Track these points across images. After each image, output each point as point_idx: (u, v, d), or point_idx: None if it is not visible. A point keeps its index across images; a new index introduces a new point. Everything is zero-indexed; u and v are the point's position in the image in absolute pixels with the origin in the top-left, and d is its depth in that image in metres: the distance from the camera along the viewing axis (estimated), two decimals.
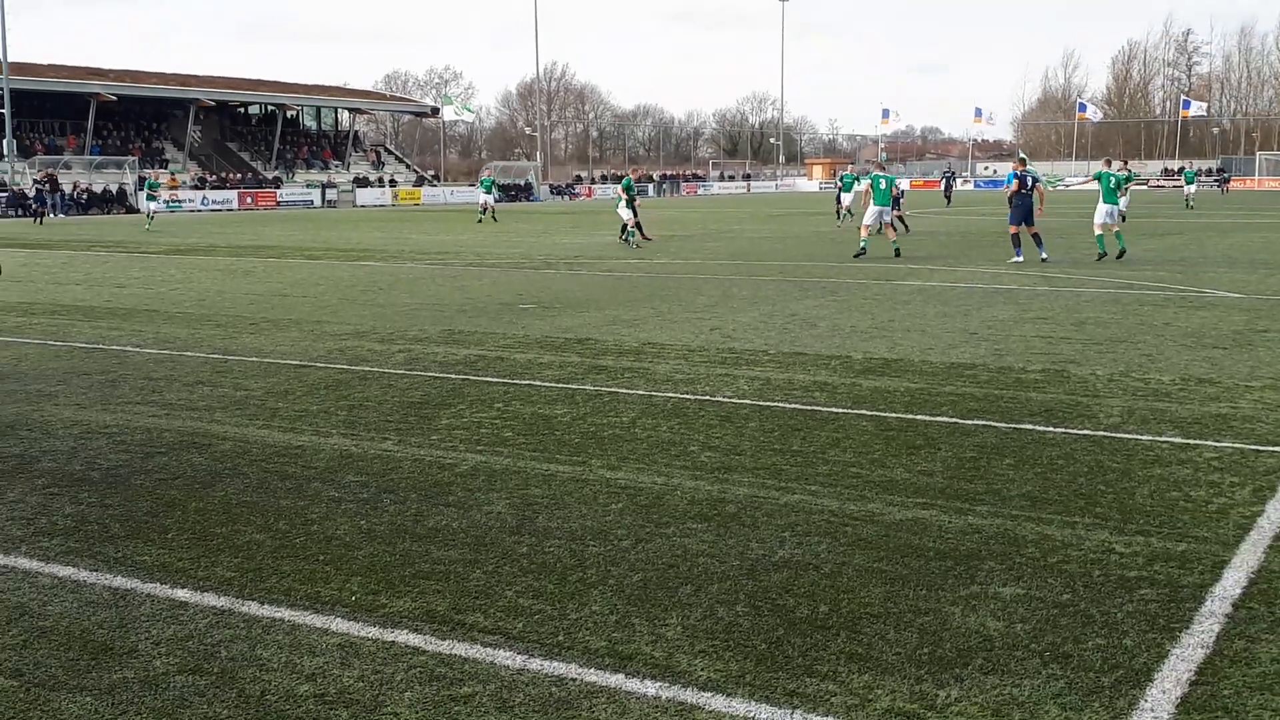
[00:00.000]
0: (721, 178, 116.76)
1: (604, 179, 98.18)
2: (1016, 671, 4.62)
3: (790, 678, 4.56)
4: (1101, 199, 25.72)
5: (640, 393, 10.31)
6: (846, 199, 39.26)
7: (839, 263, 23.68)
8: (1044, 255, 24.52)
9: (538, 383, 10.81)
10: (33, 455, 8.10)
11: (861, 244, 26.81)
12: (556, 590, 5.50)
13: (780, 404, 9.81)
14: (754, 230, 39.87)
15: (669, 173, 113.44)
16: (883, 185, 27.78)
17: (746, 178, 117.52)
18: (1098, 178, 26.28)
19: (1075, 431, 8.76)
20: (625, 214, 31.08)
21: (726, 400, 9.96)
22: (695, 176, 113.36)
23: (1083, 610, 5.24)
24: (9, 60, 60.03)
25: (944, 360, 12.02)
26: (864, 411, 9.47)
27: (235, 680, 4.54)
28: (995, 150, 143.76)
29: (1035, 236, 24.72)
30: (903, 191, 29.60)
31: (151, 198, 45.11)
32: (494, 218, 47.33)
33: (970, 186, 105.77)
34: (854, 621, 5.11)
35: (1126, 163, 29.52)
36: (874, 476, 7.45)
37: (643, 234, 31.67)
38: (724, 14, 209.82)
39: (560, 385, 10.68)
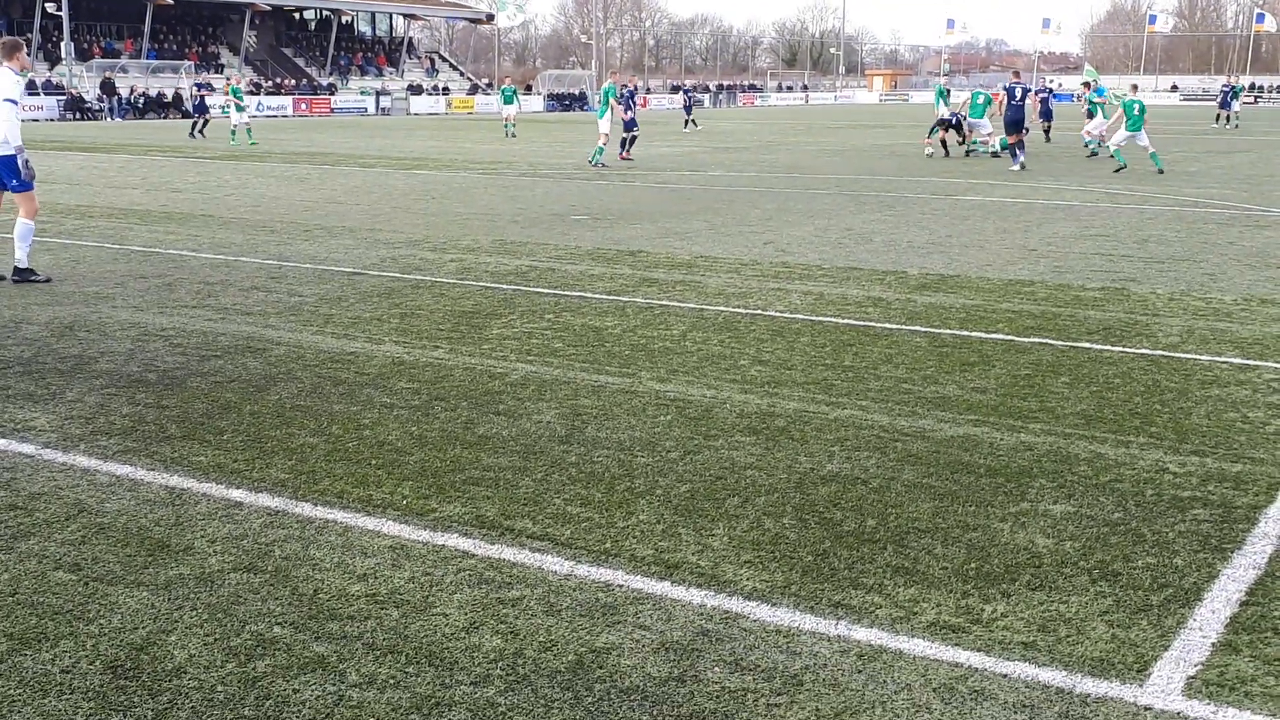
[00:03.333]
0: (779, 89, 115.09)
1: (675, 89, 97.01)
2: (1064, 588, 4.60)
3: (836, 589, 4.57)
4: (1125, 126, 25.34)
5: (691, 306, 10.27)
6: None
7: (896, 176, 23.34)
8: (1015, 165, 26.03)
9: (588, 294, 10.80)
10: (90, 356, 8.22)
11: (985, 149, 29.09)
12: (604, 499, 5.53)
13: (833, 319, 9.74)
14: (811, 142, 39.34)
15: (725, 83, 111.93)
16: (980, 100, 29.54)
17: (805, 89, 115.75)
18: (1125, 106, 25.66)
19: (1133, 350, 8.63)
20: (603, 127, 27.46)
21: (778, 315, 9.90)
22: (752, 87, 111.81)
23: (1133, 529, 5.20)
24: None
25: (1001, 277, 11.85)
26: (918, 328, 9.38)
27: (289, 579, 4.62)
28: (1062, 63, 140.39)
29: (1018, 143, 26.46)
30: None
31: (240, 108, 38.33)
32: (513, 133, 42.34)
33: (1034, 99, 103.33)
34: (901, 536, 5.10)
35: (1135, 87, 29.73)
36: (926, 393, 7.40)
37: (624, 152, 29.16)
38: None
39: (611, 297, 10.66)
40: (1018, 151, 26.31)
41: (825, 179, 24.06)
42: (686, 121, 47.98)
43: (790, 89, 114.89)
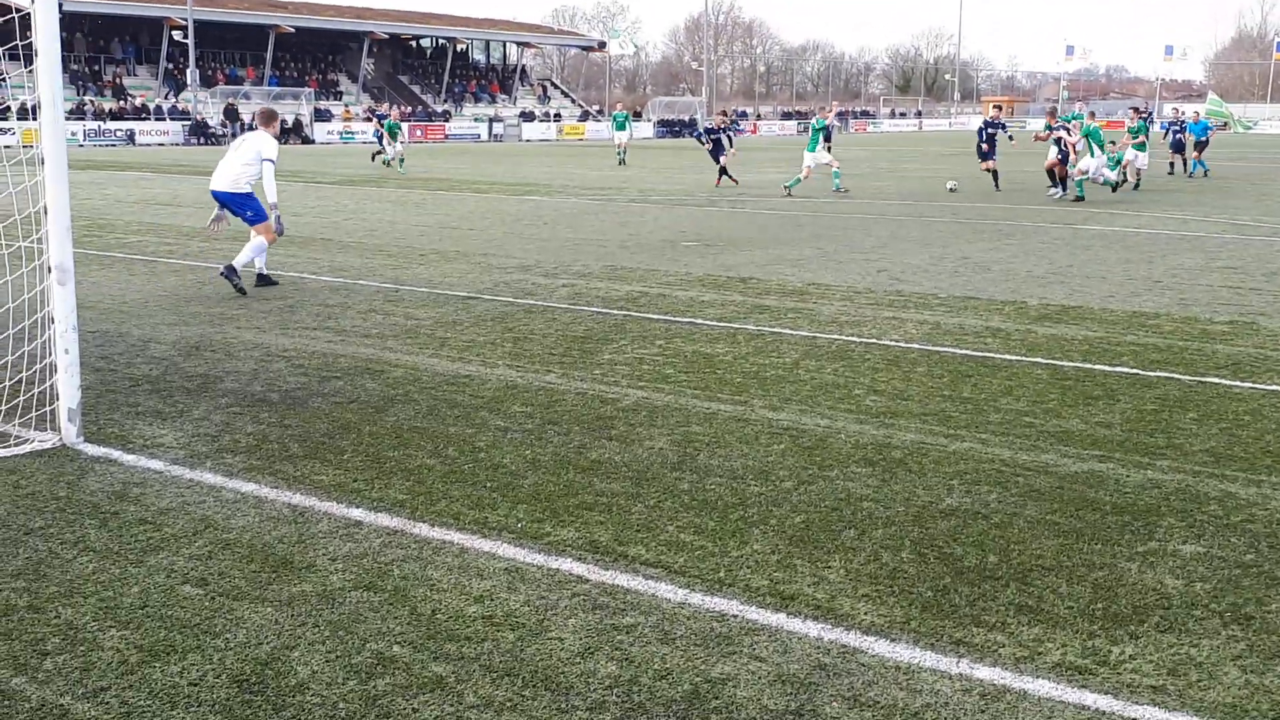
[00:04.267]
0: (892, 115, 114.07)
1: (787, 115, 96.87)
2: (1195, 631, 4.44)
3: (957, 626, 4.48)
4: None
5: (804, 334, 10.20)
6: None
7: (1014, 205, 22.94)
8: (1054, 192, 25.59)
9: (699, 321, 10.79)
10: (216, 375, 8.44)
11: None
12: (718, 527, 5.50)
13: (950, 349, 9.59)
14: (925, 169, 38.91)
15: (838, 109, 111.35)
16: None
17: (919, 115, 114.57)
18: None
19: (1264, 386, 8.34)
20: (808, 160, 27.38)
21: (894, 344, 9.78)
22: (865, 114, 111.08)
23: (1267, 571, 5.01)
24: None
25: (1125, 309, 11.56)
26: (1039, 360, 9.18)
27: (408, 598, 4.68)
28: (1185, 90, 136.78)
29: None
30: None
31: (395, 136, 37.28)
32: (623, 159, 41.41)
33: (1156, 128, 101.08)
34: (1024, 573, 4.98)
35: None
36: (1048, 426, 7.23)
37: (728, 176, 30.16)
38: None
39: (722, 324, 10.63)
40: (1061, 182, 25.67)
41: (940, 206, 23.76)
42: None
43: (903, 115, 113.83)
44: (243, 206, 12.53)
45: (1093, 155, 25.05)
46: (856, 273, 14.03)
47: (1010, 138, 33.41)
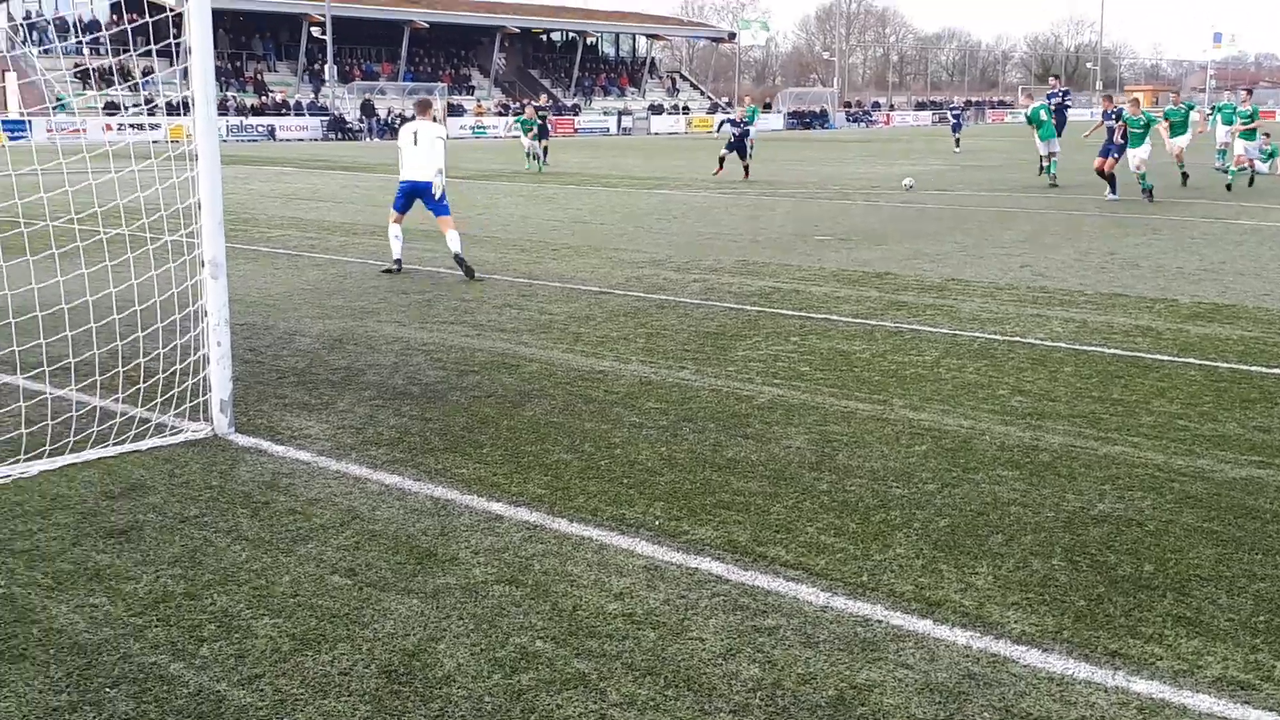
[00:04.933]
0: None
1: (921, 106, 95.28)
2: None
3: (1112, 637, 4.33)
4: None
5: (944, 331, 10.00)
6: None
7: (1161, 197, 22.17)
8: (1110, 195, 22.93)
9: (835, 317, 10.66)
10: (358, 368, 8.62)
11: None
12: (859, 530, 5.41)
13: (1098, 348, 9.29)
14: (1066, 160, 37.85)
15: (974, 99, 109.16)
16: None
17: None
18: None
19: None
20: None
21: (1038, 342, 9.52)
22: (1001, 103, 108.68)
23: None
24: None
25: None
26: (1191, 360, 8.85)
27: (549, 594, 4.70)
28: None
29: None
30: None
31: (538, 134, 35.33)
32: (750, 154, 40.98)
33: None
34: (1182, 583, 4.79)
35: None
36: (1204, 430, 6.95)
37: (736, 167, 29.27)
38: None
39: (859, 320, 10.48)
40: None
41: (1083, 199, 23.08)
42: (958, 141, 45.99)
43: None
44: (432, 197, 13.23)
45: (1136, 146, 23.09)
46: (998, 268, 13.71)
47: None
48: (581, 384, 8.14)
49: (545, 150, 36.04)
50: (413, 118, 13.78)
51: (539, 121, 36.02)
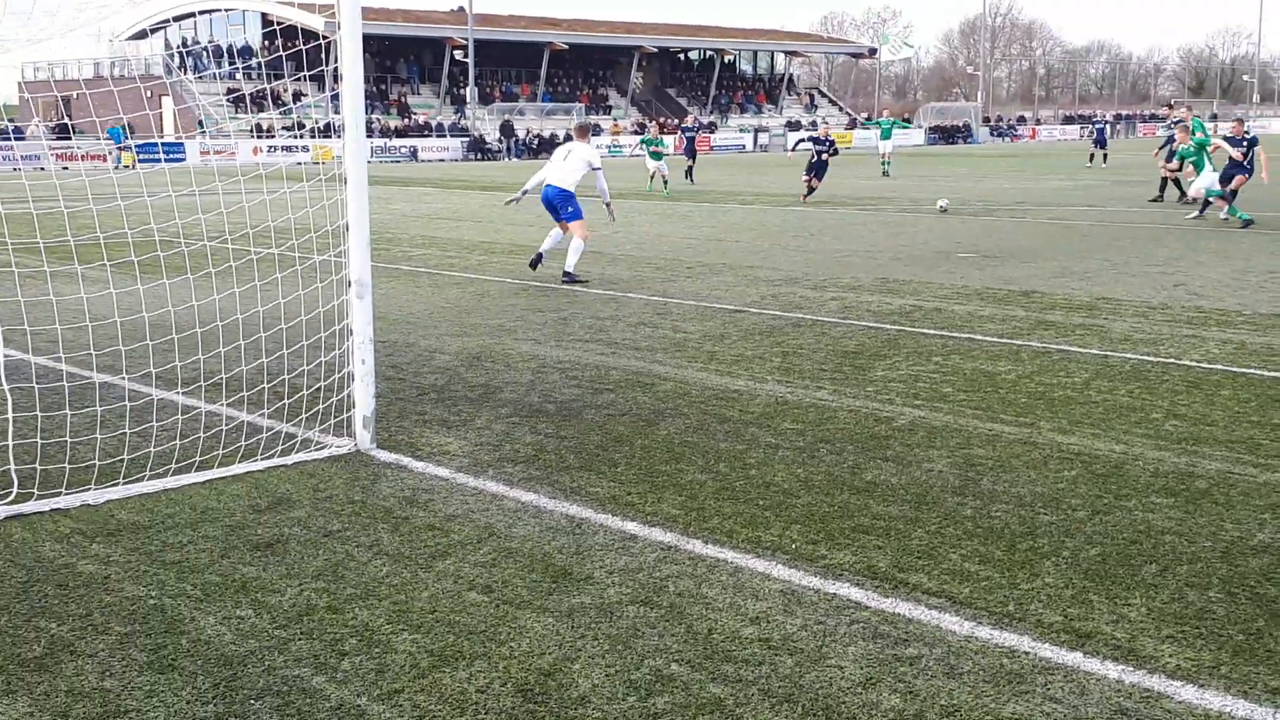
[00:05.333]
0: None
1: (1069, 120, 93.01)
2: None
3: (1272, 673, 4.11)
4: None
5: (1094, 352, 9.67)
6: None
7: None
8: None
9: (978, 336, 10.40)
10: (496, 385, 8.71)
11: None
12: (1005, 557, 5.25)
13: (1257, 371, 8.89)
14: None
15: (1124, 112, 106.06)
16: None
17: (1214, 119, 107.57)
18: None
19: None
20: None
21: (1194, 364, 9.15)
22: (1153, 117, 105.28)
23: None
24: (474, 11, 65.01)
25: None
26: None
27: (684, 616, 4.66)
28: None
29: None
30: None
31: (656, 155, 32.45)
32: (887, 170, 39.47)
33: None
34: None
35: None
36: None
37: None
38: None
39: (1003, 340, 10.21)
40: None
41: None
42: (1092, 155, 44.30)
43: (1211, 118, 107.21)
44: (565, 203, 14.33)
45: (1199, 170, 21.75)
46: (1150, 287, 13.23)
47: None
48: (716, 403, 8.09)
49: (689, 171, 36.03)
50: (568, 138, 15.13)
51: (662, 141, 33.69)
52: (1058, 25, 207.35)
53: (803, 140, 31.95)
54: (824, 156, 27.49)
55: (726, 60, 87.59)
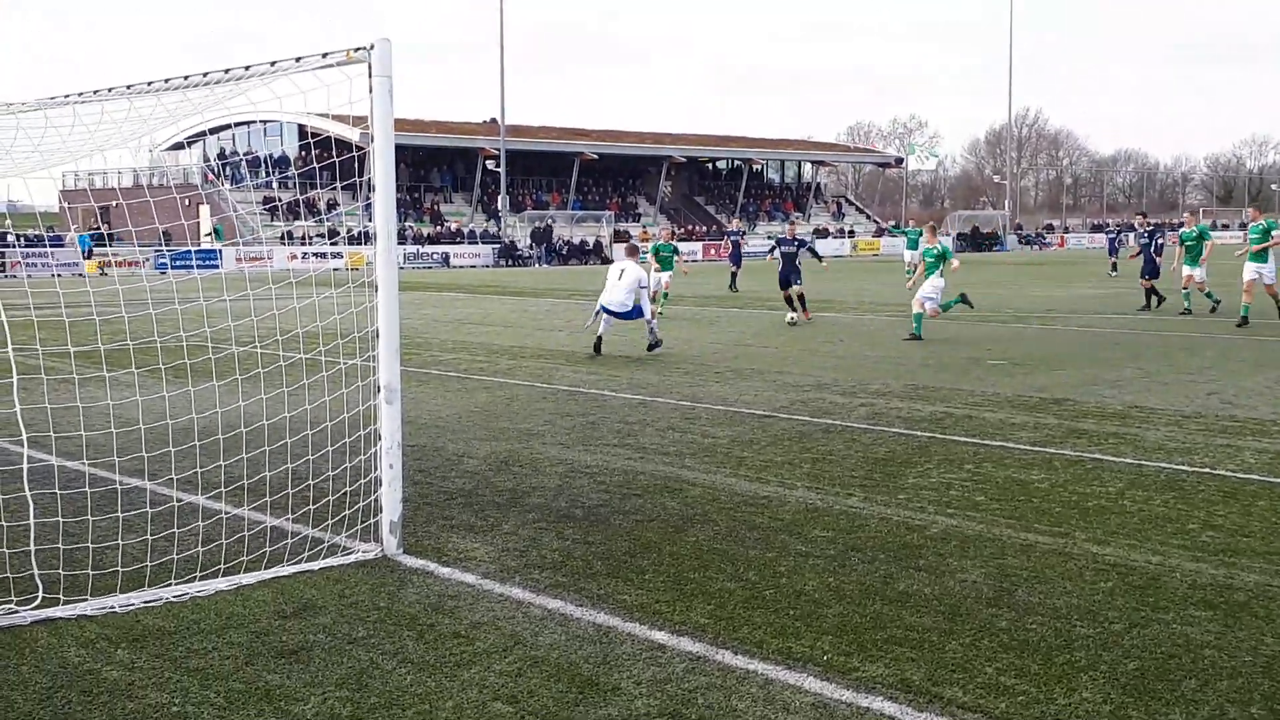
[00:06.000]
0: (1213, 227, 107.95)
1: (1096, 228, 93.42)
2: None
3: None
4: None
5: (1128, 461, 9.56)
6: None
7: None
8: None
9: (1010, 444, 10.31)
10: (523, 490, 8.67)
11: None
12: (1042, 671, 5.13)
13: None
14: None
15: (1154, 222, 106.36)
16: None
17: (1243, 227, 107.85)
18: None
19: None
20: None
21: (1230, 474, 9.02)
22: (1180, 225, 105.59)
23: None
24: (506, 123, 66.26)
25: None
26: None
27: None
28: None
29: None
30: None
31: (667, 264, 27.74)
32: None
33: None
34: None
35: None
36: None
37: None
38: (1227, 44, 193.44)
39: (1036, 449, 10.11)
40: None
41: (1274, 324, 22.06)
42: (1114, 265, 44.15)
43: (1226, 227, 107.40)
44: (630, 314, 17.93)
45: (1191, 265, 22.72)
46: (1183, 395, 13.12)
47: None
48: (745, 510, 8.02)
49: (733, 277, 35.65)
50: (623, 257, 18.75)
51: (674, 248, 28.80)
52: (1084, 134, 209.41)
53: (775, 245, 27.65)
54: (796, 262, 24.86)
55: (754, 169, 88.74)
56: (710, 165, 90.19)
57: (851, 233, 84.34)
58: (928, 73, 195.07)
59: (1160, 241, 26.57)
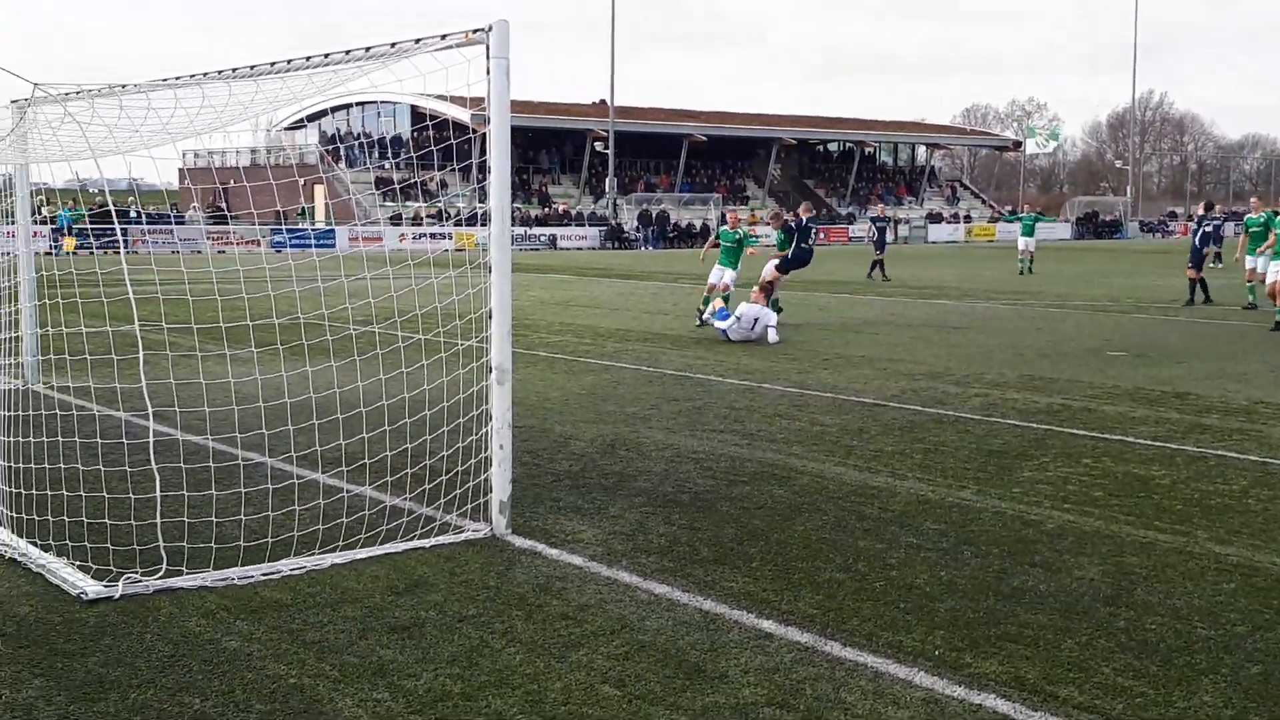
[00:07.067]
0: None
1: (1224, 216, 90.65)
2: None
3: None
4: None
5: (1253, 458, 9.25)
6: None
7: None
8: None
9: (1130, 439, 10.04)
10: (630, 474, 8.69)
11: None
12: (1160, 673, 4.99)
13: None
14: None
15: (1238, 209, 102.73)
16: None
17: None
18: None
19: None
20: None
21: None
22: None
23: None
24: (615, 104, 66.38)
25: None
26: None
27: None
28: None
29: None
30: None
31: (730, 259, 20.22)
32: (1028, 268, 36.75)
33: None
34: None
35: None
36: None
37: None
38: None
39: (1157, 443, 9.84)
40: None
41: None
42: (1218, 255, 42.36)
43: None
44: (754, 322, 17.61)
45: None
46: None
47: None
48: (855, 500, 7.94)
49: (878, 265, 33.09)
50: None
51: (750, 238, 20.99)
52: (1210, 119, 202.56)
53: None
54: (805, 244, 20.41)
55: (866, 152, 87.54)
56: (821, 148, 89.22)
57: (968, 217, 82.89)
58: (1047, 53, 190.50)
59: (1208, 231, 25.36)
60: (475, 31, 6.74)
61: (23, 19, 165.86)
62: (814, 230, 21.74)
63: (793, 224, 20.79)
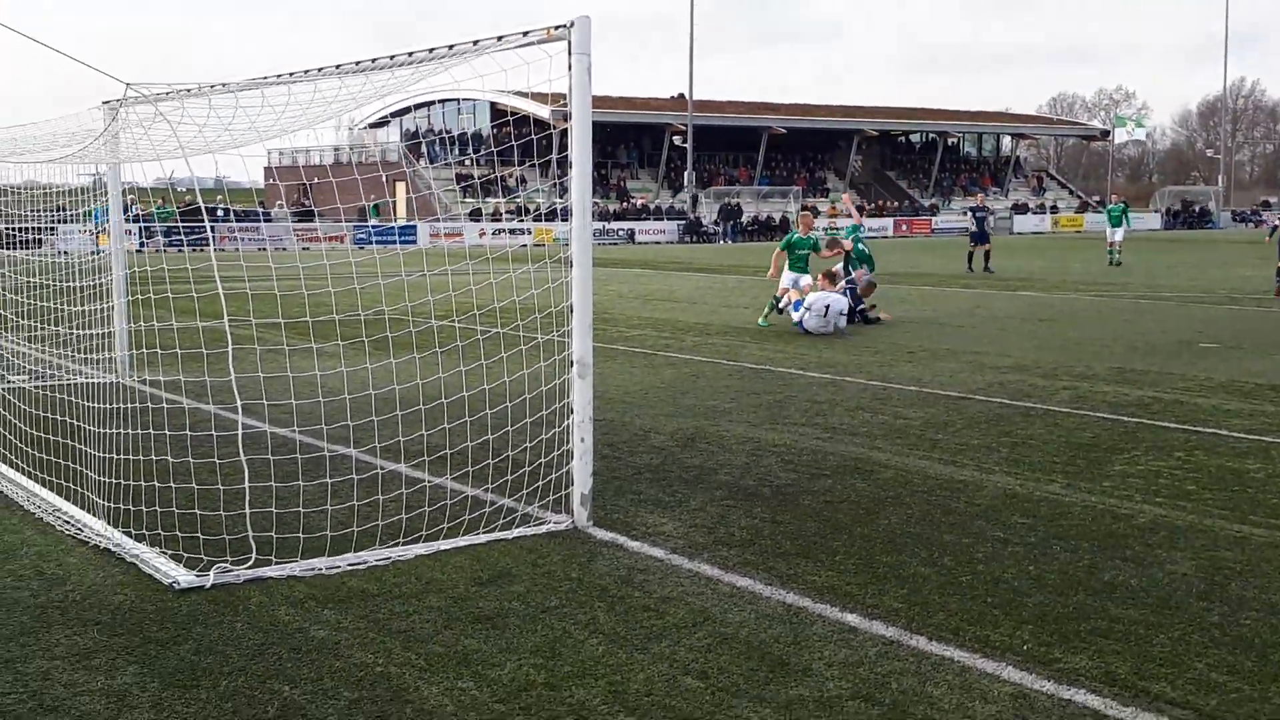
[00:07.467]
0: None
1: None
2: None
3: None
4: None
5: None
6: None
7: None
8: None
9: (1224, 432, 9.79)
10: (710, 467, 8.66)
11: None
12: (1255, 669, 4.86)
13: None
14: None
15: None
16: None
17: None
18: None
19: None
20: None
21: None
22: None
23: None
24: (694, 98, 66.23)
25: None
26: None
27: (907, 715, 4.47)
28: None
29: None
30: None
31: (800, 264, 18.71)
32: (1117, 260, 35.84)
33: None
34: None
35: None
36: None
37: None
38: None
39: (1252, 436, 9.58)
40: None
41: None
42: None
43: None
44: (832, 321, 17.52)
45: None
46: None
47: None
48: (940, 494, 7.84)
49: (986, 256, 32.31)
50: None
51: (815, 242, 19.49)
52: None
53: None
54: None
55: (949, 143, 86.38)
56: (903, 139, 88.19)
57: (1054, 208, 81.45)
58: (1136, 42, 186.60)
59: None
60: (557, 28, 6.76)
61: (104, 19, 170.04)
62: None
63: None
